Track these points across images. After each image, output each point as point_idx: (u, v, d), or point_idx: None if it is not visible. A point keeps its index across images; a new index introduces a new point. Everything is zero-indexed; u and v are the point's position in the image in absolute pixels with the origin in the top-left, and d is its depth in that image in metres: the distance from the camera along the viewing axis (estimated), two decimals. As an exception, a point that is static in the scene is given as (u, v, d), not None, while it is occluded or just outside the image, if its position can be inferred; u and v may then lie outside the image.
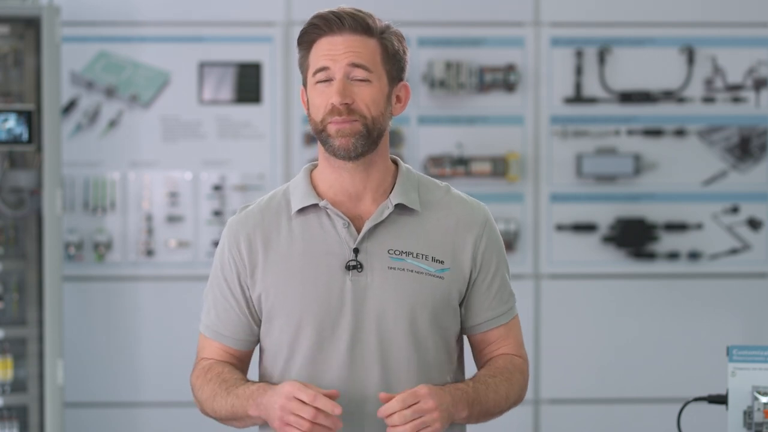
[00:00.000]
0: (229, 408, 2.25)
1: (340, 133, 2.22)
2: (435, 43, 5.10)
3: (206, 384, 2.31)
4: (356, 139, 2.23)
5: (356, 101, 2.23)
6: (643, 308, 5.13)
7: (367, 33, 2.25)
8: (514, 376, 2.33)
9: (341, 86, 2.22)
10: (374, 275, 2.26)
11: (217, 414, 2.29)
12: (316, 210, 2.30)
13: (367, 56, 2.24)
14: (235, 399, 2.24)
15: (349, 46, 2.23)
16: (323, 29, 2.24)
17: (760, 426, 2.43)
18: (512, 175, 5.06)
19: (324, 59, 2.23)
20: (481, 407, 2.24)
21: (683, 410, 2.63)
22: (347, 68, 2.22)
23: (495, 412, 2.28)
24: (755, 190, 5.16)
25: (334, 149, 2.24)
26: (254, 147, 5.09)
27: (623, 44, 5.13)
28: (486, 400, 2.25)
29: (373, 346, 2.25)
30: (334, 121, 2.22)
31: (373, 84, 2.24)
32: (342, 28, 2.23)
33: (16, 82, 4.70)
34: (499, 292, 2.35)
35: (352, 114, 2.22)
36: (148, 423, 5.06)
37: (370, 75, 2.24)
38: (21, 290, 4.70)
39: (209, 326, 2.37)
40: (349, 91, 2.22)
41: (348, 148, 2.23)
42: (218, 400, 2.27)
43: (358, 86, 2.23)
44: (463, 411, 2.20)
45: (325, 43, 2.24)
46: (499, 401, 2.28)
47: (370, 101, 2.24)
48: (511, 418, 5.05)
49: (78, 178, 5.05)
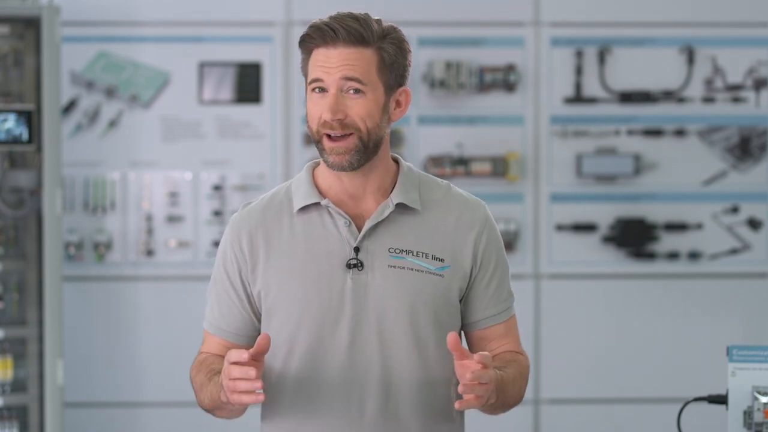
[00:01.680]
0: (209, 395, 2.26)
1: (334, 151, 2.23)
2: (435, 43, 5.10)
3: (197, 375, 2.33)
4: (351, 155, 2.23)
5: (350, 115, 2.22)
6: (643, 308, 5.13)
7: (363, 44, 2.23)
8: (523, 371, 2.34)
9: (333, 102, 2.21)
10: (375, 274, 2.26)
11: (204, 404, 2.30)
12: (318, 208, 2.31)
13: (361, 69, 2.22)
14: (213, 386, 2.24)
15: (343, 59, 2.21)
16: (319, 40, 2.23)
17: (760, 426, 2.43)
18: (512, 175, 5.06)
19: (318, 70, 2.23)
20: (504, 397, 2.24)
21: (683, 410, 2.63)
22: (340, 81, 2.21)
23: (510, 404, 2.28)
24: (755, 190, 5.16)
25: (329, 164, 2.25)
26: (254, 147, 5.09)
27: (623, 44, 5.13)
28: (507, 390, 2.25)
29: (373, 344, 2.26)
30: (328, 137, 2.23)
31: (368, 96, 2.23)
32: (336, 40, 2.21)
33: (16, 82, 4.70)
34: (498, 289, 2.35)
35: (345, 128, 2.22)
36: (149, 423, 5.06)
37: (364, 87, 2.22)
38: (21, 290, 4.70)
39: (212, 322, 2.38)
40: (342, 105, 2.21)
41: (342, 165, 2.23)
42: (203, 389, 2.29)
43: (352, 99, 2.22)
44: (494, 397, 2.18)
45: (321, 54, 2.23)
46: (515, 393, 2.29)
47: (365, 114, 2.23)
48: (511, 418, 5.05)
49: (78, 178, 5.05)
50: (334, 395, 2.26)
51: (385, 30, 2.26)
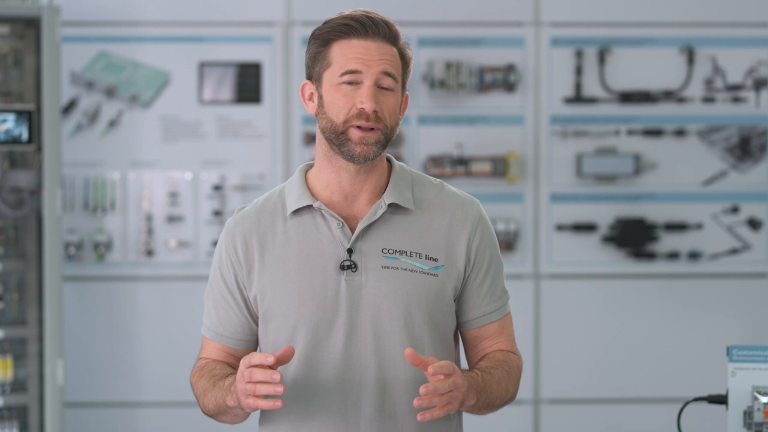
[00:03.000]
0: (214, 401, 2.27)
1: (363, 141, 2.24)
2: (435, 43, 5.10)
3: (199, 381, 2.33)
4: (376, 147, 2.25)
5: (382, 109, 2.25)
6: (643, 308, 5.13)
7: (394, 42, 2.27)
8: (512, 371, 2.34)
9: (373, 93, 2.23)
10: (369, 275, 2.27)
11: (207, 409, 2.30)
12: (311, 211, 2.31)
13: (395, 66, 2.27)
14: (218, 391, 2.25)
15: (382, 52, 2.25)
16: (357, 31, 2.24)
17: (760, 426, 2.44)
18: (512, 175, 5.06)
19: (355, 62, 2.24)
20: (487, 397, 2.25)
21: (683, 410, 2.63)
22: (378, 75, 2.24)
23: (496, 405, 2.29)
24: (755, 190, 5.16)
25: (352, 154, 2.25)
26: (254, 147, 5.09)
27: (623, 44, 5.13)
28: (491, 391, 2.26)
29: (368, 346, 2.26)
30: (359, 127, 2.23)
31: (395, 93, 2.27)
32: (377, 33, 2.25)
33: (16, 82, 4.70)
34: (492, 287, 2.35)
35: (378, 121, 2.24)
36: (148, 423, 5.06)
37: (395, 85, 2.26)
38: (21, 290, 4.70)
39: (210, 328, 2.38)
40: (377, 99, 2.24)
41: (368, 155, 2.25)
42: (207, 394, 2.29)
43: (384, 95, 2.25)
44: (473, 398, 2.21)
45: (357, 45, 2.24)
46: (501, 393, 2.29)
47: (393, 110, 2.27)
48: (511, 418, 5.08)
49: (78, 178, 5.05)
50: (330, 396, 2.26)
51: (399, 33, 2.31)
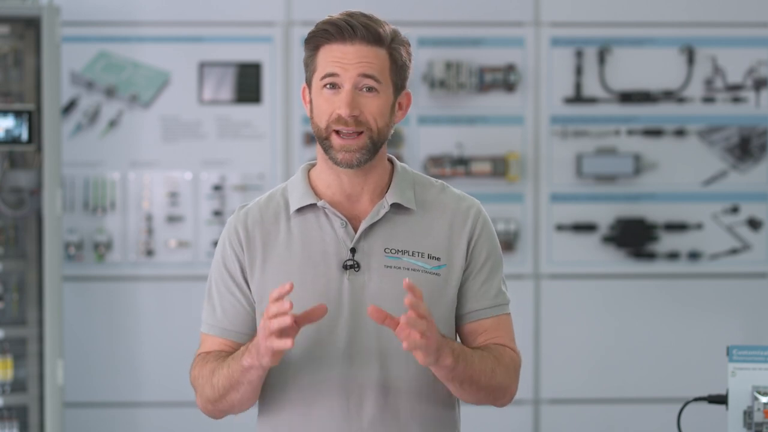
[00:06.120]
0: (226, 373, 2.23)
1: (344, 148, 2.23)
2: (435, 43, 5.10)
3: (205, 366, 2.29)
4: (361, 153, 2.24)
5: (363, 112, 2.23)
6: (643, 308, 5.13)
7: (378, 43, 2.24)
8: (503, 359, 2.30)
9: (350, 98, 2.22)
10: (371, 274, 2.27)
11: (216, 389, 2.26)
12: (314, 210, 2.31)
13: (377, 67, 2.24)
14: (231, 361, 2.23)
15: (360, 56, 2.23)
16: (335, 36, 2.23)
17: (760, 426, 2.44)
18: (512, 175, 5.06)
19: (333, 66, 2.23)
20: (467, 366, 2.20)
21: (683, 410, 2.63)
22: (357, 78, 2.22)
23: (481, 383, 2.24)
24: (755, 190, 5.16)
25: (336, 161, 2.25)
26: (254, 147, 5.09)
27: (623, 44, 5.13)
28: (472, 363, 2.21)
29: (371, 345, 2.26)
30: (339, 134, 2.23)
31: (381, 95, 2.25)
32: (354, 37, 2.23)
33: (16, 82, 4.70)
34: (487, 283, 2.33)
35: (359, 125, 2.23)
36: (148, 423, 5.06)
37: (378, 86, 2.24)
38: (21, 290, 4.70)
39: (213, 324, 2.35)
40: (357, 103, 2.22)
41: (351, 162, 2.24)
42: (216, 373, 2.25)
43: (366, 97, 2.23)
44: (448, 357, 2.16)
45: (336, 50, 2.23)
46: (485, 370, 2.24)
47: (378, 113, 2.24)
48: (511, 418, 5.08)
49: (78, 178, 5.05)
50: (332, 396, 2.25)
51: (394, 32, 2.28)
